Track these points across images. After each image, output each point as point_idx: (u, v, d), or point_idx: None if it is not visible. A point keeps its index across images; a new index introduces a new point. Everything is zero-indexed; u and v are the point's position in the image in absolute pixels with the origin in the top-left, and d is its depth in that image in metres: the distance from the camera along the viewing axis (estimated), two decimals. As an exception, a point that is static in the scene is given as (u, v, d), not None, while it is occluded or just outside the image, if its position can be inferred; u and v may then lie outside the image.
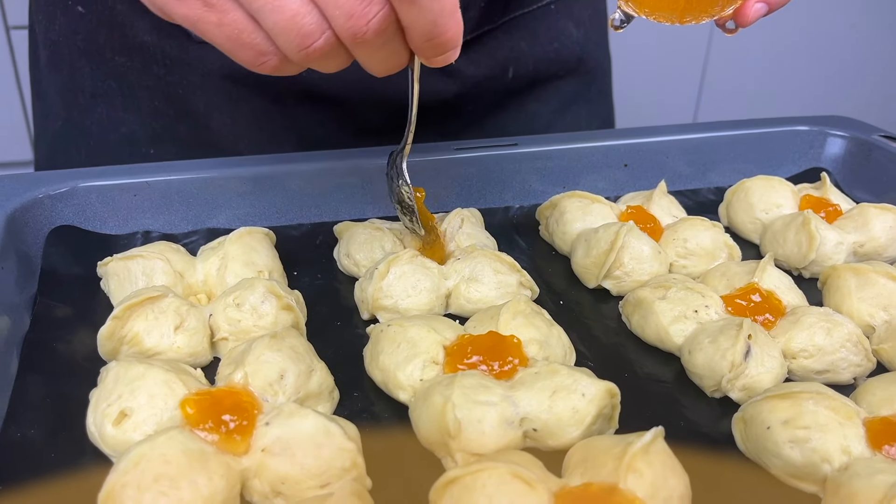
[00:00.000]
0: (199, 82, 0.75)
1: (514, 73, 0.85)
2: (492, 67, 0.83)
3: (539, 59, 0.88)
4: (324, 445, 0.42)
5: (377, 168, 0.71)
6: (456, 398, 0.46)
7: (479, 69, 0.82)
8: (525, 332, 0.52)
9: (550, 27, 0.89)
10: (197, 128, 0.77)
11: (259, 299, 0.54)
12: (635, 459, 0.40)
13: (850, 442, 0.44)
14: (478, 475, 0.40)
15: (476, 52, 0.83)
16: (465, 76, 0.82)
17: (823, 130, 0.81)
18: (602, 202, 0.70)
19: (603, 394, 0.47)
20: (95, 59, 0.75)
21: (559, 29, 0.90)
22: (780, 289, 0.59)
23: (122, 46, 0.74)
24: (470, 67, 0.81)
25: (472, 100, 0.85)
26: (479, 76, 0.82)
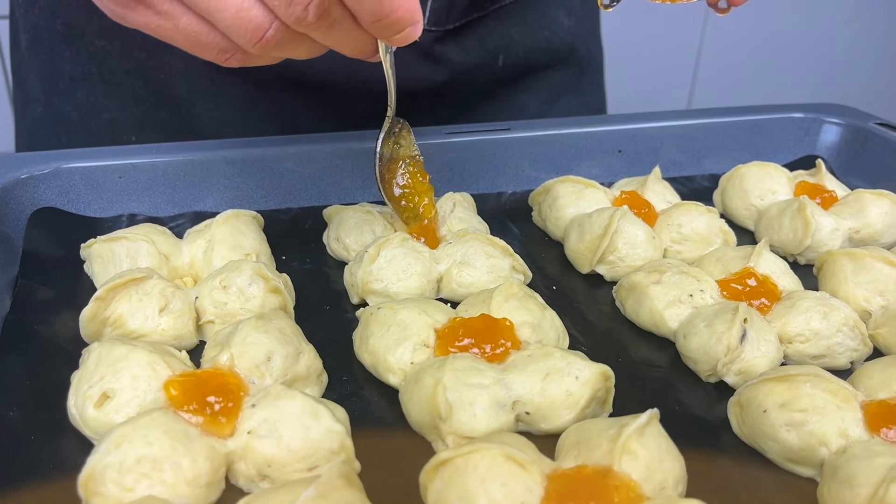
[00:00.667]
0: (182, 67, 0.73)
1: (504, 62, 0.84)
2: (482, 55, 0.82)
3: (530, 48, 0.87)
4: (311, 427, 0.41)
5: (367, 152, 0.70)
6: (447, 381, 0.45)
7: (469, 56, 0.81)
8: (518, 315, 0.51)
9: (542, 15, 0.88)
10: (179, 114, 0.76)
11: (246, 281, 0.53)
12: (630, 441, 0.39)
13: (847, 425, 0.44)
14: (470, 456, 0.39)
15: (466, 39, 0.81)
16: (453, 63, 0.81)
17: (819, 118, 0.81)
18: (596, 187, 0.69)
19: (597, 376, 0.46)
20: (75, 43, 0.73)
21: (550, 17, 0.89)
22: (776, 273, 0.58)
23: (102, 30, 0.72)
24: (459, 54, 0.80)
25: (460, 88, 0.84)
26: (468, 63, 0.81)
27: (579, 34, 0.93)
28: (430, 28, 0.77)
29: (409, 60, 0.79)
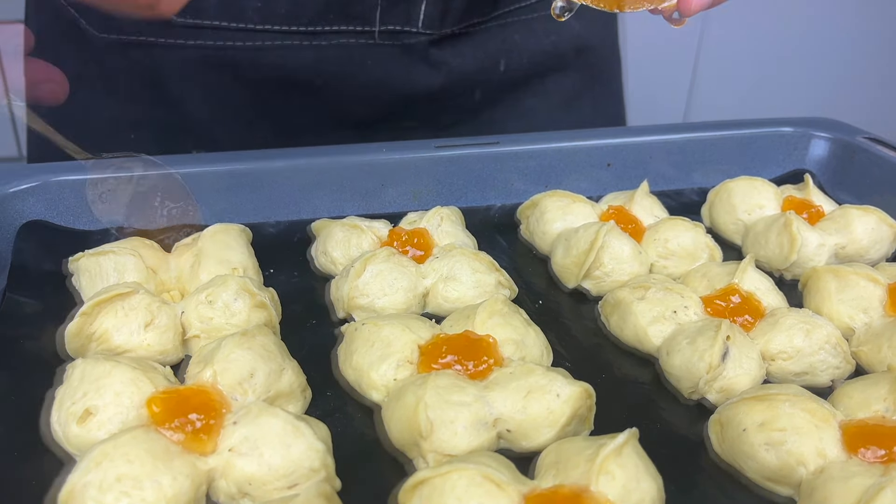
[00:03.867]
0: (177, 67, 0.75)
1: (506, 67, 0.84)
2: (481, 59, 0.82)
3: (534, 52, 0.87)
4: (292, 445, 0.42)
5: (357, 165, 0.70)
6: (429, 398, 0.45)
7: (467, 60, 0.81)
8: (501, 331, 0.52)
9: (550, 19, 0.88)
10: (174, 114, 0.77)
11: (232, 297, 0.53)
12: (607, 461, 0.40)
13: (825, 445, 0.44)
14: (447, 476, 0.39)
15: (465, 44, 0.82)
16: (450, 67, 0.81)
17: (807, 132, 0.81)
18: (583, 202, 0.69)
19: (578, 395, 0.46)
20: (78, 42, 0.75)
21: (559, 23, 0.89)
22: (761, 290, 0.59)
23: (103, 29, 0.74)
24: (457, 59, 0.81)
25: (462, 93, 0.84)
26: (467, 68, 0.82)
27: (590, 38, 0.92)
28: (425, 31, 0.78)
29: (404, 64, 0.80)
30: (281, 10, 0.74)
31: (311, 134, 0.77)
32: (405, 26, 0.77)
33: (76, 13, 0.75)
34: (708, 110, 2.23)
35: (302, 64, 0.77)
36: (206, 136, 0.77)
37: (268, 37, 0.75)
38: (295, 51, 0.76)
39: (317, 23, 0.75)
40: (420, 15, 0.76)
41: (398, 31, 0.77)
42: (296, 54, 0.76)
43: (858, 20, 2.19)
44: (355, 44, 0.77)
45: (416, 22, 0.77)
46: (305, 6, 0.74)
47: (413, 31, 0.77)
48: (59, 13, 0.75)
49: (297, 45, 0.76)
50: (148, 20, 0.72)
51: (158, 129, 0.77)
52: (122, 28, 0.72)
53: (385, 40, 0.78)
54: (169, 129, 0.77)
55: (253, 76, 0.77)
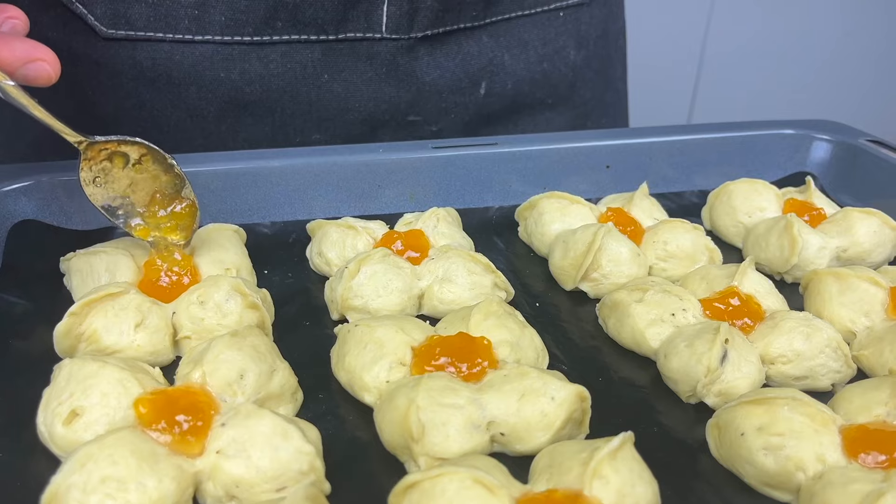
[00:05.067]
0: (108, 84, 0.70)
1: (487, 90, 0.78)
2: (459, 77, 0.76)
3: (520, 78, 0.81)
4: (281, 448, 0.41)
5: (354, 165, 0.70)
6: (421, 400, 0.44)
7: (443, 75, 0.75)
8: (496, 333, 0.51)
9: (546, 42, 0.82)
10: (106, 134, 0.72)
11: (224, 297, 0.53)
12: (601, 465, 0.39)
13: (825, 450, 0.43)
14: (438, 480, 0.38)
15: (441, 54, 0.75)
16: (421, 82, 0.75)
17: (809, 134, 0.80)
18: (581, 203, 0.69)
19: (573, 398, 0.46)
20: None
21: (555, 46, 0.83)
22: (760, 293, 0.58)
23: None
24: (431, 71, 0.75)
25: (434, 116, 0.78)
26: (441, 84, 0.75)
27: (586, 72, 0.87)
28: (391, 36, 0.71)
29: (367, 77, 0.73)
30: (220, 17, 0.67)
31: None
32: (367, 32, 0.70)
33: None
34: (712, 113, 2.23)
35: (247, 80, 0.70)
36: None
37: (207, 49, 0.69)
38: (239, 63, 0.70)
39: (263, 32, 0.69)
40: (383, 17, 0.70)
41: (360, 39, 0.71)
42: (241, 68, 0.70)
43: (865, 22, 2.19)
44: (309, 56, 0.71)
45: (378, 26, 0.70)
46: (248, 12, 0.68)
47: (377, 37, 0.71)
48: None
49: (242, 58, 0.69)
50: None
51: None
52: (50, 41, 0.67)
53: (344, 50, 0.71)
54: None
55: (190, 93, 0.70)
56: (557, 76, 0.85)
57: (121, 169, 0.55)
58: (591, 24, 0.87)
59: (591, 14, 0.86)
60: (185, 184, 0.56)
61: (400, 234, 0.62)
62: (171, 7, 0.67)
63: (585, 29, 0.86)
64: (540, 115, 0.87)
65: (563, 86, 0.86)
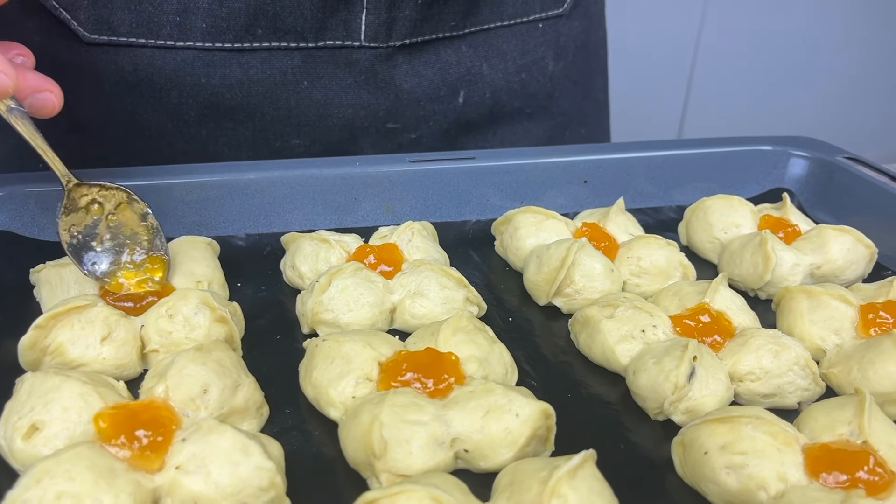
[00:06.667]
0: (91, 89, 0.70)
1: (465, 98, 0.79)
2: (436, 85, 0.77)
3: (499, 87, 0.81)
4: (241, 463, 0.41)
5: (331, 178, 0.70)
6: (384, 417, 0.44)
7: (421, 84, 0.76)
8: (465, 349, 0.51)
9: (525, 53, 0.82)
10: (88, 140, 0.72)
11: (192, 311, 0.52)
12: (560, 484, 0.39)
13: (787, 469, 0.43)
14: (396, 498, 0.38)
15: (420, 63, 0.76)
16: (399, 89, 0.75)
17: (786, 151, 0.81)
18: (557, 218, 0.69)
19: (537, 415, 0.46)
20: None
21: (534, 57, 0.83)
22: (732, 310, 0.58)
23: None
24: (409, 80, 0.75)
25: (413, 124, 0.78)
26: (419, 92, 0.76)
27: (564, 83, 0.87)
28: (369, 45, 0.72)
29: (346, 84, 0.74)
30: (201, 24, 0.68)
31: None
32: (346, 40, 0.72)
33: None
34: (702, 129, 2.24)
35: (227, 85, 0.71)
36: (121, 166, 0.71)
37: (189, 55, 0.69)
38: (220, 69, 0.71)
39: (243, 39, 0.70)
40: (361, 26, 0.71)
41: (339, 47, 0.72)
42: (221, 74, 0.71)
43: (863, 40, 2.21)
44: (289, 63, 0.72)
45: (357, 35, 0.71)
46: (229, 20, 0.69)
47: (356, 45, 0.72)
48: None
49: (223, 63, 0.70)
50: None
51: (75, 155, 0.66)
52: (33, 45, 0.66)
53: (324, 57, 0.72)
54: (81, 156, 0.68)
55: (172, 99, 0.71)
56: (536, 86, 0.85)
57: (94, 216, 0.56)
58: (570, 36, 0.87)
59: (570, 25, 0.87)
60: (158, 234, 0.57)
61: (373, 247, 0.62)
62: (153, 13, 0.68)
63: (564, 40, 0.87)
64: (518, 124, 0.87)
65: (542, 96, 0.86)
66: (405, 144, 0.79)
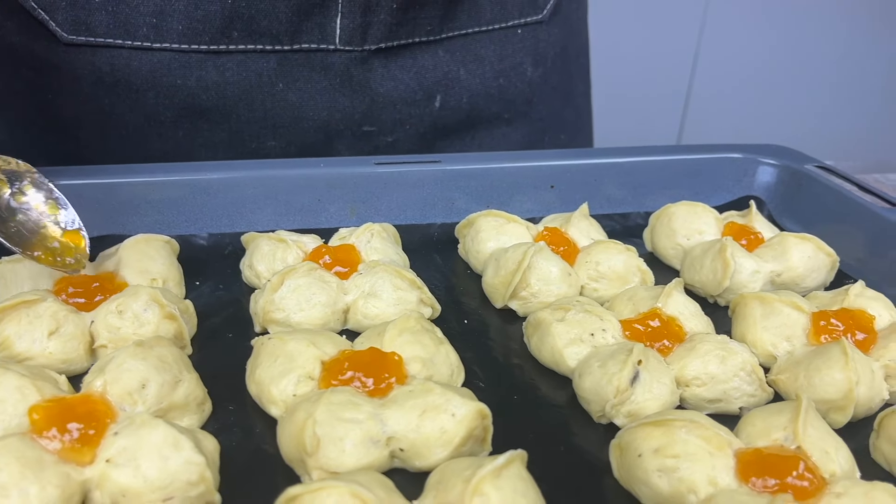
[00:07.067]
0: (69, 88, 0.71)
1: (441, 103, 0.80)
2: (412, 89, 0.78)
3: (476, 93, 0.82)
4: (170, 457, 0.41)
5: (295, 179, 0.70)
6: (319, 415, 0.44)
7: (397, 87, 0.77)
8: (409, 349, 0.51)
9: (504, 58, 0.83)
10: (66, 139, 0.73)
11: (141, 307, 0.53)
12: (483, 483, 0.39)
13: (717, 473, 0.43)
14: (317, 494, 0.38)
15: (396, 67, 0.77)
16: (375, 93, 0.76)
17: (755, 159, 0.81)
18: (518, 222, 0.69)
19: (473, 415, 0.46)
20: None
21: (512, 62, 0.84)
22: (684, 315, 0.58)
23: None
24: (385, 83, 0.76)
25: (389, 127, 0.79)
26: (394, 96, 0.77)
27: (543, 88, 0.87)
28: (344, 48, 0.74)
29: (321, 87, 0.75)
30: (177, 25, 0.69)
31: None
32: (321, 44, 0.73)
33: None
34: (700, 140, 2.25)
35: (203, 87, 0.72)
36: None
37: (165, 57, 0.70)
38: (196, 71, 0.72)
39: (219, 41, 0.70)
40: (336, 29, 0.72)
41: (314, 50, 0.73)
42: (197, 75, 0.72)
43: (866, 49, 2.22)
44: (265, 65, 0.73)
45: (332, 38, 0.72)
46: (205, 22, 0.70)
47: (331, 48, 0.73)
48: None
49: (199, 65, 0.71)
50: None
51: (49, 156, 0.72)
52: (13, 46, 0.65)
53: (299, 60, 0.73)
54: (59, 156, 0.73)
55: (148, 100, 0.72)
56: (514, 92, 0.85)
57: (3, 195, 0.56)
58: (549, 42, 0.88)
59: (549, 32, 0.87)
60: (66, 208, 0.57)
61: (330, 248, 0.62)
62: (129, 15, 0.69)
63: (543, 46, 0.87)
64: (497, 129, 0.87)
65: (520, 101, 0.87)
66: (381, 147, 0.80)
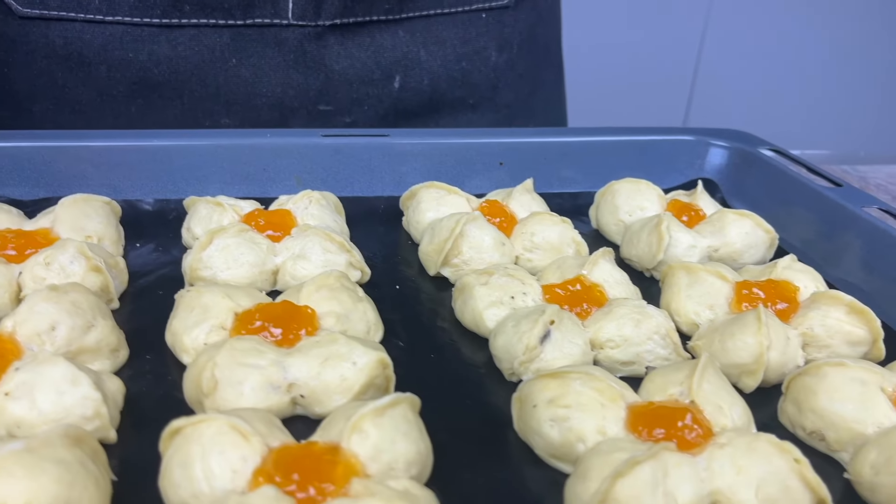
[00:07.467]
0: (24, 62, 0.72)
1: (401, 84, 0.80)
2: (370, 68, 0.78)
3: (437, 76, 0.82)
4: (67, 392, 0.42)
5: (241, 148, 0.71)
6: (220, 358, 0.45)
7: (353, 65, 0.77)
8: (326, 304, 0.52)
9: (467, 41, 0.83)
10: (19, 112, 0.74)
11: (68, 259, 0.54)
12: (362, 420, 0.40)
13: (607, 423, 0.43)
14: (198, 425, 0.39)
15: (352, 45, 0.77)
16: (329, 70, 0.77)
17: (706, 141, 0.81)
18: (459, 194, 0.70)
19: (374, 364, 0.46)
20: None
21: (475, 46, 0.84)
22: (609, 283, 0.59)
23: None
24: (339, 61, 0.77)
25: (346, 106, 0.79)
26: (350, 74, 0.77)
27: (509, 74, 0.87)
28: (297, 23, 0.74)
29: (275, 63, 0.75)
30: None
31: None
32: (274, 18, 0.73)
33: None
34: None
35: (155, 61, 0.73)
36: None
37: (117, 30, 0.71)
38: (147, 45, 0.72)
39: (171, 14, 0.71)
40: (289, 3, 0.72)
41: (267, 25, 0.73)
42: (149, 49, 0.72)
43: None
44: (217, 40, 0.73)
45: (284, 13, 0.73)
46: None
47: (284, 23, 0.73)
48: None
49: (151, 39, 0.72)
50: None
51: (4, 128, 0.72)
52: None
53: (252, 35, 0.74)
54: (16, 128, 0.72)
55: (102, 74, 0.73)
56: (478, 76, 0.86)
57: None
58: (514, 28, 0.88)
59: (515, 18, 0.88)
60: None
61: (264, 212, 0.63)
62: None
63: (509, 32, 0.87)
64: (461, 115, 0.88)
65: (485, 87, 0.87)
66: (339, 128, 0.80)
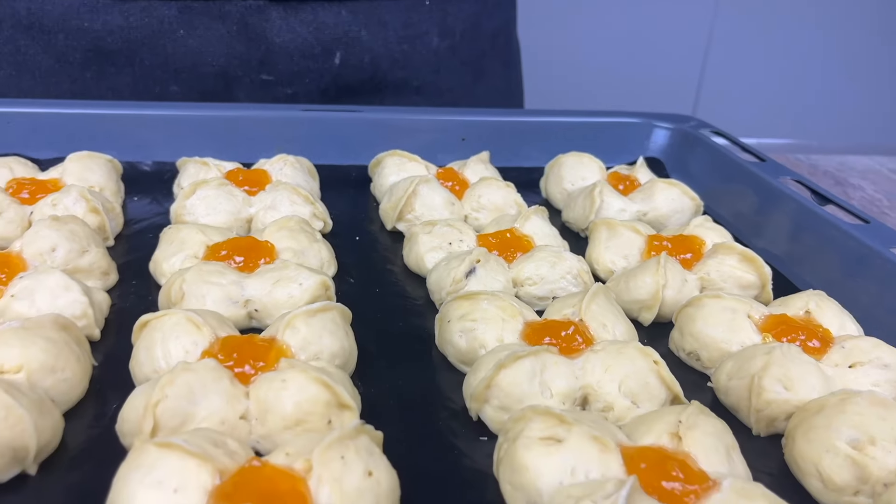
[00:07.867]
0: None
1: (342, 60, 0.85)
2: (310, 43, 0.82)
3: (379, 55, 0.86)
4: (60, 296, 0.52)
5: (229, 119, 0.81)
6: (188, 275, 0.54)
7: (294, 40, 0.81)
8: (285, 242, 0.61)
9: (409, 25, 0.87)
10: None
11: (72, 201, 0.64)
12: (295, 318, 0.48)
13: (505, 334, 0.52)
14: (161, 318, 0.48)
15: (294, 21, 0.82)
16: (271, 42, 0.81)
17: (651, 123, 0.89)
18: (418, 161, 0.79)
19: (317, 285, 0.55)
20: None
21: (417, 31, 0.87)
22: (539, 235, 0.67)
23: None
24: (281, 35, 0.81)
25: (287, 78, 0.83)
26: (291, 48, 0.82)
27: (450, 62, 0.91)
28: None
29: (220, 35, 0.80)
30: None
31: None
32: None
33: None
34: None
35: (108, 30, 0.78)
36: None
37: (76, 1, 0.78)
38: (102, 15, 0.78)
39: None
40: None
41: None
42: (103, 19, 0.78)
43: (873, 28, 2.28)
44: (166, 12, 0.79)
45: None
46: None
47: None
48: None
49: (105, 10, 0.78)
50: None
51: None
52: None
53: (199, 8, 0.79)
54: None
55: (59, 41, 0.78)
56: (419, 60, 0.90)
57: None
58: (458, 17, 0.92)
59: (459, 7, 0.92)
60: None
61: (243, 170, 0.72)
62: None
63: (452, 21, 0.91)
64: (406, 96, 0.93)
65: (426, 70, 0.92)
66: (281, 99, 0.86)
